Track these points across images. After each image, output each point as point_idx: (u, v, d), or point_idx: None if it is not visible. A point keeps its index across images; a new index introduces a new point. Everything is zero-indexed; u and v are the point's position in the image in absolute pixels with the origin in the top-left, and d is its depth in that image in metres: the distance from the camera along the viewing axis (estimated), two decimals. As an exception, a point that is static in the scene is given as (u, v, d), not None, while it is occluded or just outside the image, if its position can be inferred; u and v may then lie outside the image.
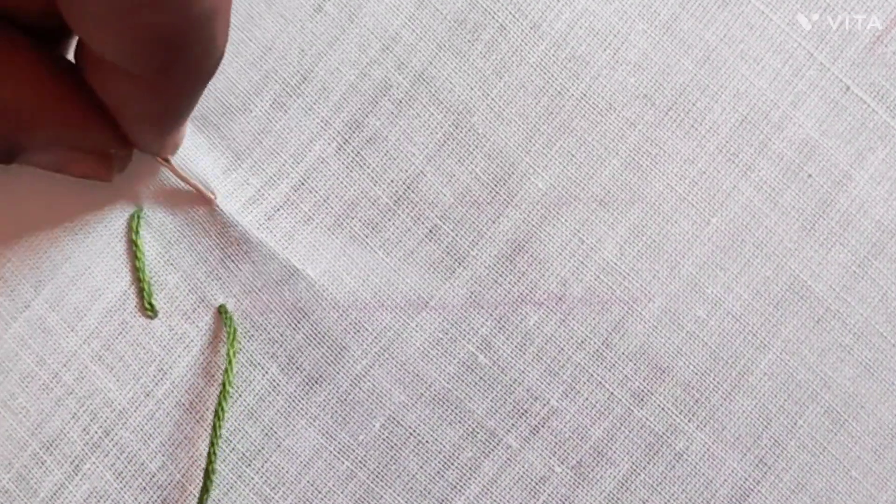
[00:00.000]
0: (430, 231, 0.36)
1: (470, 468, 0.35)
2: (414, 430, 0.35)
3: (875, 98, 0.37)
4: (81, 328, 0.35)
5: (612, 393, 0.36)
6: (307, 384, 0.35)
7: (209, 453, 0.33)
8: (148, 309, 0.35)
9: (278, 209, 0.36)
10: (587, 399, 0.36)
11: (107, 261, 0.36)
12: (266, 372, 0.35)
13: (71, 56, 0.33)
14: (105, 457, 0.35)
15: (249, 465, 0.35)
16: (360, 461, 0.35)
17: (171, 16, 0.26)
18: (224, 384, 0.34)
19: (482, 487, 0.35)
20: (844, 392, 0.36)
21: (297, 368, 0.35)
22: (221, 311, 0.35)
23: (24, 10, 0.30)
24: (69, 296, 0.35)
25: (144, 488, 0.35)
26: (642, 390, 0.36)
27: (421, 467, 0.35)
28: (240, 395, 0.35)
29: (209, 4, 0.26)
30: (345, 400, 0.35)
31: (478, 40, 0.37)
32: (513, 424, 0.36)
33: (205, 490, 0.33)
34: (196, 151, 0.36)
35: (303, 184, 0.36)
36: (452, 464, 0.35)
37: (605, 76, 0.37)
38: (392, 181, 0.36)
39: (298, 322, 0.35)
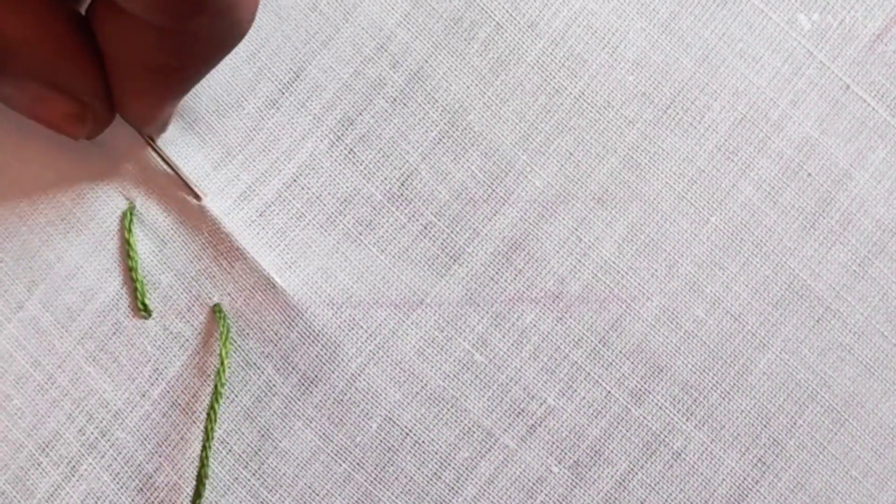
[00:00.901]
0: (425, 228, 0.36)
1: (466, 469, 0.35)
2: (410, 431, 0.35)
3: (875, 97, 0.36)
4: (75, 329, 0.35)
5: (609, 392, 0.36)
6: (303, 384, 0.35)
7: (201, 457, 0.33)
8: (141, 309, 0.35)
9: (270, 206, 0.36)
10: (584, 398, 0.36)
11: (99, 260, 0.35)
12: (262, 372, 0.35)
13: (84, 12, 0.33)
14: (102, 458, 0.35)
15: (246, 466, 0.35)
16: (357, 463, 0.35)
17: None
18: (216, 386, 0.34)
19: (479, 488, 0.35)
20: (844, 391, 0.36)
21: (293, 368, 0.35)
22: (215, 311, 0.35)
23: None
24: (62, 296, 0.35)
25: (141, 489, 0.35)
26: (640, 389, 0.36)
27: (418, 469, 0.35)
28: (236, 396, 0.35)
29: None
30: (341, 400, 0.35)
31: (474, 39, 0.36)
32: (509, 424, 0.36)
33: (197, 495, 0.33)
34: (187, 149, 0.36)
35: (295, 181, 0.36)
36: (449, 464, 0.35)
37: (604, 74, 0.36)
38: (386, 178, 0.36)
39: (293, 320, 0.35)
